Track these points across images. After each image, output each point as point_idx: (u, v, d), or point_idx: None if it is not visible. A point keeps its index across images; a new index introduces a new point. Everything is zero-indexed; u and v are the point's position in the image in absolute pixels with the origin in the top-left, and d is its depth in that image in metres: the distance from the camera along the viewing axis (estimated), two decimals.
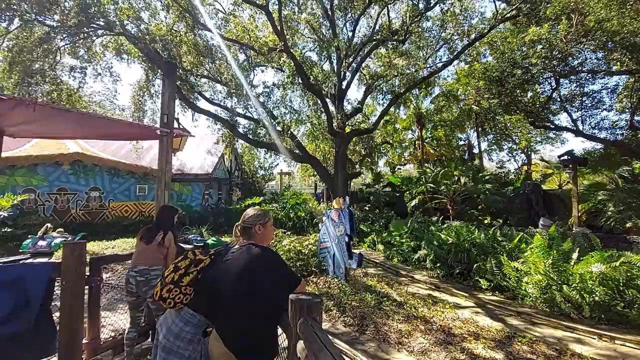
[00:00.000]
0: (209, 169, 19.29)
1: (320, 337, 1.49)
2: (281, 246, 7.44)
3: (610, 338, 4.48)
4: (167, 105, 5.55)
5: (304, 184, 34.51)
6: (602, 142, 12.51)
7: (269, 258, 2.04)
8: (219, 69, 15.23)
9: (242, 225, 2.22)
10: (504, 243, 7.40)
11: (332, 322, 4.99)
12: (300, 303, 1.74)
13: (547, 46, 10.59)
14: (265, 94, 16.28)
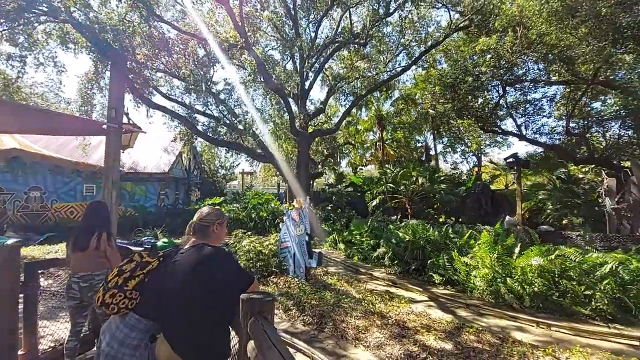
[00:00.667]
0: (165, 168, 18.38)
1: (270, 335, 1.46)
2: (241, 247, 7.27)
3: (547, 325, 4.89)
4: (115, 98, 5.19)
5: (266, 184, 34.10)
6: (542, 146, 13.68)
7: (220, 258, 1.96)
8: (176, 63, 14.57)
9: (199, 223, 2.10)
10: (455, 240, 7.83)
11: (292, 322, 4.96)
12: (252, 302, 1.69)
13: (495, 56, 11.38)
14: (226, 91, 15.85)
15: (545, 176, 15.74)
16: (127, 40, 12.04)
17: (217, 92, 15.76)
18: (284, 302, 5.55)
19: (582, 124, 11.91)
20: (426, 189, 15.50)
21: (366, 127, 25.35)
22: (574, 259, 5.61)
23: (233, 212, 15.07)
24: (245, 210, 15.44)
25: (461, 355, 3.81)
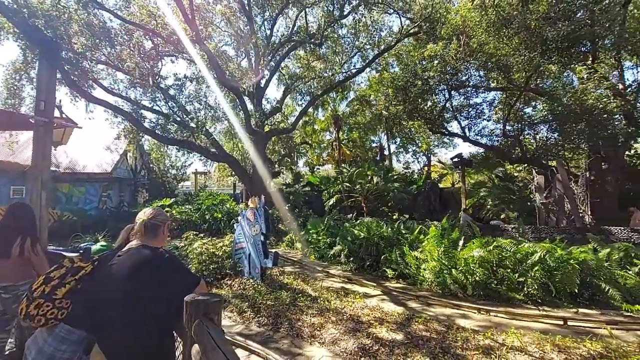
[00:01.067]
0: (108, 168, 17.02)
1: (215, 337, 1.40)
2: (192, 249, 6.95)
3: (486, 311, 5.30)
4: (44, 90, 4.68)
5: (221, 184, 33.01)
6: (483, 146, 14.84)
7: (162, 260, 1.85)
8: (119, 55, 13.54)
9: (151, 221, 1.96)
10: (407, 235, 8.20)
11: (246, 324, 4.85)
12: (196, 304, 1.62)
13: (441, 62, 12.11)
14: (176, 87, 15.06)
15: (485, 175, 17.12)
16: (62, 27, 10.96)
17: (166, 87, 14.93)
18: (238, 304, 5.41)
19: (517, 127, 13.11)
20: (381, 188, 16.05)
21: (323, 127, 25.62)
22: (509, 250, 6.15)
23: (185, 214, 14.38)
24: (199, 211, 14.80)
25: (411, 345, 3.99)
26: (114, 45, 13.41)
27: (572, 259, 5.61)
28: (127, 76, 14.03)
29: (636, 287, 5.49)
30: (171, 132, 15.07)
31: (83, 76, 12.76)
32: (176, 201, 18.00)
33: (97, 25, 12.14)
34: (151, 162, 23.73)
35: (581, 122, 10.03)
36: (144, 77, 12.91)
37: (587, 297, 5.50)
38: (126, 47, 13.25)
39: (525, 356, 3.68)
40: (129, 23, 12.47)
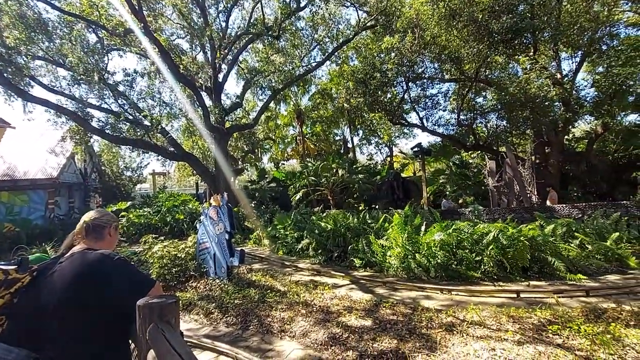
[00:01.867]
0: (54, 172, 15.70)
1: (170, 339, 1.33)
2: (152, 253, 6.60)
3: (448, 291, 5.58)
4: None
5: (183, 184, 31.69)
6: (440, 136, 15.49)
7: (110, 263, 1.71)
8: (60, 49, 12.45)
9: (94, 222, 1.81)
10: (372, 224, 8.39)
11: (214, 325, 4.71)
12: (150, 307, 1.51)
13: (398, 54, 12.41)
14: (126, 83, 14.15)
15: (444, 162, 17.94)
16: None
17: (114, 83, 13.99)
18: (204, 306, 5.24)
19: (470, 116, 13.81)
20: (346, 180, 16.25)
21: (286, 122, 25.40)
22: (466, 231, 6.51)
23: (144, 218, 13.64)
24: (159, 214, 14.10)
25: (379, 329, 4.10)
26: (53, 39, 12.30)
27: (522, 236, 6.05)
28: (69, 72, 12.94)
29: (577, 258, 6.06)
30: (123, 131, 14.17)
31: (18, 73, 11.58)
32: (133, 204, 17.03)
33: (31, 17, 11.06)
34: (103, 164, 22.17)
35: (526, 109, 10.79)
36: (88, 73, 11.96)
37: (537, 270, 5.98)
38: (67, 40, 12.20)
39: (484, 329, 3.92)
40: (68, 14, 11.47)
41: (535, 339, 3.58)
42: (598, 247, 6.36)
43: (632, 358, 3.09)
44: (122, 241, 11.48)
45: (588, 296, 4.93)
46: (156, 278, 6.31)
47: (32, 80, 12.53)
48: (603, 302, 4.59)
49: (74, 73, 12.19)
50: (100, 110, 13.78)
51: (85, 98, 13.81)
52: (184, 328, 4.67)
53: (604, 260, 6.17)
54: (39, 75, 13.34)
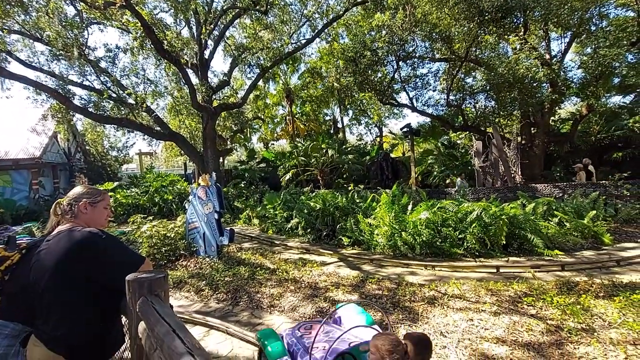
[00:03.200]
0: (36, 152, 15.29)
1: (160, 310, 1.38)
2: (141, 233, 6.61)
3: (432, 267, 5.79)
4: None
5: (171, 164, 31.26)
6: (429, 116, 15.52)
7: (96, 240, 1.73)
8: (37, 23, 11.83)
9: (68, 202, 1.83)
10: (361, 204, 8.52)
11: (205, 302, 4.82)
12: (139, 282, 1.56)
13: (389, 32, 12.19)
14: (108, 59, 13.63)
15: (432, 143, 18.07)
16: None
17: (96, 59, 13.45)
18: (195, 283, 5.33)
19: (459, 96, 13.82)
20: (335, 160, 16.31)
21: (275, 101, 25.00)
22: (451, 210, 6.69)
23: (131, 198, 13.51)
24: (147, 194, 13.98)
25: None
26: (29, 12, 11.66)
27: (504, 214, 6.25)
28: (48, 47, 12.38)
29: (556, 235, 6.32)
30: (107, 109, 13.78)
31: None
32: (120, 185, 16.80)
33: None
34: (87, 143, 21.62)
35: (514, 90, 10.85)
36: (67, 48, 11.45)
37: (516, 247, 6.23)
38: (43, 13, 11.57)
39: (464, 302, 4.12)
40: None
41: (511, 310, 3.80)
42: (576, 224, 6.63)
43: (599, 326, 3.31)
44: (110, 221, 11.42)
45: (563, 270, 5.19)
46: None
47: (8, 55, 11.96)
48: (576, 276, 4.85)
49: (53, 48, 11.66)
50: (82, 88, 13.31)
51: (66, 75, 13.30)
52: (175, 305, 4.76)
53: (581, 237, 6.46)
54: (15, 50, 12.73)
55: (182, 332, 1.16)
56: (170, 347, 1.09)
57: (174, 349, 1.07)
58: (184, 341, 1.09)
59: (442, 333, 3.37)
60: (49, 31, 11.33)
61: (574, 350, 2.91)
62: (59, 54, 12.07)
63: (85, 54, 12.40)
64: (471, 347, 3.07)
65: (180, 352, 1.02)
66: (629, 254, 5.65)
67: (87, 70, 13.66)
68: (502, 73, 10.61)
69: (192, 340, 1.10)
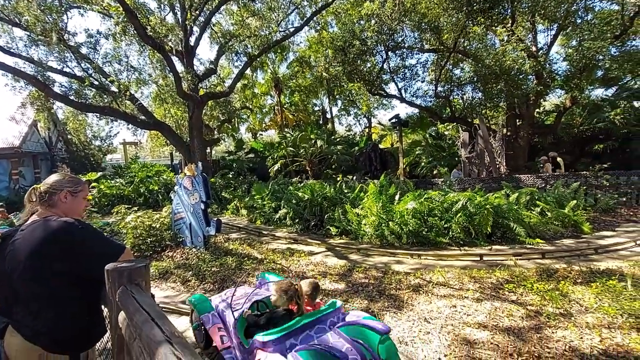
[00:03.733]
0: (15, 141, 14.77)
1: (139, 299, 1.36)
2: (125, 224, 6.49)
3: (418, 256, 5.88)
4: None
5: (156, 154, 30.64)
6: (418, 107, 15.59)
7: (73, 231, 1.68)
8: (15, 7, 11.30)
9: (45, 190, 1.76)
10: (349, 194, 8.55)
11: (191, 292, 4.78)
12: (119, 271, 1.53)
13: (378, 22, 12.09)
14: (89, 45, 13.13)
15: (420, 134, 18.19)
16: None
17: (76, 45, 12.95)
18: (181, 274, 5.29)
19: (447, 87, 13.89)
20: (324, 151, 16.27)
21: (263, 91, 24.65)
22: (437, 200, 6.78)
23: (116, 189, 13.23)
24: (132, 184, 13.70)
25: (351, 291, 4.31)
26: None
27: (488, 204, 6.37)
28: (26, 33, 11.85)
29: (538, 224, 6.49)
30: (89, 97, 13.36)
31: None
32: (104, 175, 16.40)
33: None
34: (69, 133, 20.95)
35: (500, 82, 10.97)
36: (46, 33, 11.00)
37: (500, 236, 6.38)
38: None
39: (448, 289, 4.21)
40: None
41: (493, 296, 3.90)
42: (557, 214, 6.82)
43: (576, 311, 3.44)
44: (94, 212, 11.18)
45: (544, 258, 5.34)
46: (131, 248, 6.26)
47: None
48: (556, 264, 5.00)
49: (31, 33, 11.17)
50: (62, 75, 12.83)
51: (45, 61, 12.78)
52: (161, 295, 4.73)
53: (561, 226, 6.65)
54: None
55: (161, 321, 1.14)
56: (148, 336, 1.08)
57: (152, 338, 1.05)
58: (163, 329, 1.07)
59: (426, 319, 3.44)
60: (27, 15, 10.84)
61: (552, 335, 3.02)
62: (38, 39, 11.59)
63: (64, 39, 11.93)
64: (454, 333, 3.15)
65: (159, 341, 1.01)
66: (606, 242, 5.86)
67: (67, 56, 13.16)
68: (489, 64, 10.70)
69: (171, 328, 1.09)
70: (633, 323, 3.08)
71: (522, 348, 2.81)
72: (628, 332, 2.96)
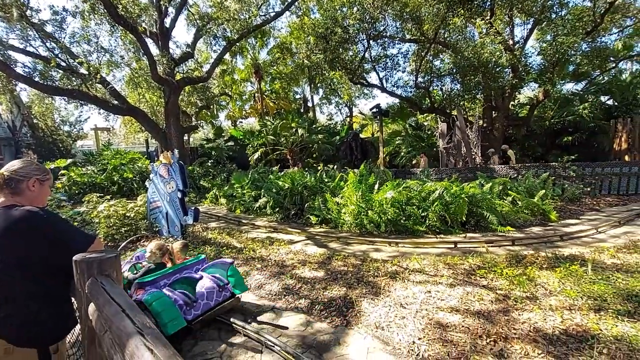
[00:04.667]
0: None
1: (109, 291, 1.32)
2: (97, 213, 6.26)
3: (396, 244, 6.02)
4: None
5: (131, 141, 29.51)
6: (399, 97, 15.72)
7: (39, 220, 1.60)
8: None
9: (10, 176, 1.65)
10: (329, 183, 8.58)
11: None
12: (88, 262, 1.48)
13: (360, 10, 12.00)
14: (54, 23, 12.32)
15: (400, 124, 18.41)
16: None
17: (40, 22, 12.12)
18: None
19: (427, 79, 14.06)
20: (305, 140, 16.18)
21: (243, 77, 24.07)
22: (415, 189, 6.92)
23: (87, 176, 12.68)
24: (105, 172, 13.17)
25: (330, 279, 4.38)
26: None
27: (464, 193, 6.57)
28: None
29: (509, 213, 6.77)
30: (56, 79, 12.59)
31: None
32: (75, 162, 15.68)
33: None
34: (35, 117, 19.77)
35: (478, 74, 11.19)
36: (6, 9, 10.19)
37: (474, 224, 6.61)
38: None
39: (423, 275, 4.35)
40: None
41: (465, 281, 4.06)
42: (527, 203, 7.13)
43: (541, 294, 3.64)
44: (63, 201, 10.70)
45: (514, 245, 5.60)
46: (104, 238, 6.07)
47: None
48: (525, 250, 5.26)
49: None
50: (25, 54, 12.01)
51: (6, 39, 11.91)
52: None
53: (531, 214, 6.97)
54: None
55: (133, 312, 1.12)
56: (119, 328, 1.05)
57: (123, 329, 1.03)
58: (134, 321, 1.05)
59: (402, 305, 3.55)
60: None
61: (518, 317, 3.19)
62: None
63: (27, 16, 11.11)
64: (428, 317, 3.27)
65: (129, 332, 0.99)
66: (571, 230, 6.20)
67: (31, 34, 12.30)
68: (468, 57, 10.87)
69: (143, 319, 1.07)
70: (591, 305, 3.30)
71: (490, 330, 2.96)
72: (587, 313, 3.17)
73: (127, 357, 0.92)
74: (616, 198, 8.93)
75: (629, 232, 6.04)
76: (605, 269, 4.23)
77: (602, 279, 3.88)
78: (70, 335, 2.06)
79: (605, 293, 3.51)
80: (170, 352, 0.86)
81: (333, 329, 3.18)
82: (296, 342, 3.00)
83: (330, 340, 3.01)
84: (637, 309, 3.19)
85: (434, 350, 2.75)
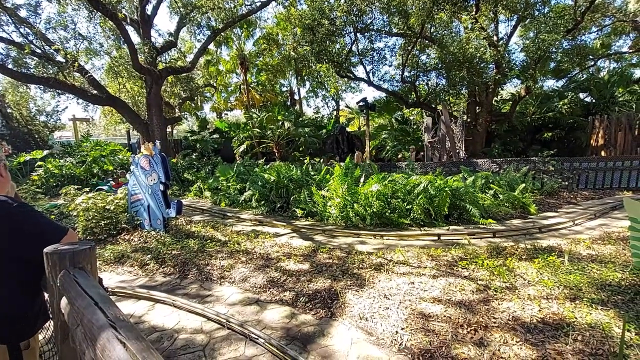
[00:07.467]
0: None
1: (82, 283, 1.26)
2: (75, 205, 6.05)
3: (381, 236, 6.07)
4: None
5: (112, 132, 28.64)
6: (385, 91, 15.74)
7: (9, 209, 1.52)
8: None
9: None
10: (315, 176, 8.56)
11: (150, 276, 4.62)
12: (60, 254, 1.41)
13: (348, 1, 11.90)
14: (28, 7, 11.74)
15: (386, 118, 18.50)
16: None
17: (13, 6, 11.53)
18: (139, 257, 5.07)
19: (413, 73, 14.11)
20: (292, 133, 16.06)
21: (229, 69, 23.60)
22: (401, 183, 6.98)
23: (65, 168, 12.25)
24: (84, 164, 12.75)
25: (315, 272, 4.38)
26: None
27: (447, 187, 6.67)
28: None
29: (491, 206, 6.92)
30: (30, 67, 12.04)
31: None
32: (52, 153, 15.11)
33: None
34: (9, 106, 18.89)
35: (463, 69, 11.32)
36: None
37: (457, 217, 6.73)
38: None
39: (407, 267, 4.41)
40: None
41: (448, 272, 4.14)
42: (508, 196, 7.31)
43: (520, 284, 3.74)
44: (39, 193, 10.32)
45: (494, 237, 5.74)
46: (82, 232, 5.89)
47: None
48: (505, 242, 5.39)
49: None
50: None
51: None
52: (117, 280, 4.52)
53: (511, 207, 7.15)
54: None
55: (106, 305, 1.07)
56: (90, 321, 1.01)
57: (94, 322, 0.99)
58: (107, 313, 1.01)
59: (385, 296, 3.59)
60: None
61: (498, 306, 3.27)
62: None
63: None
64: (411, 307, 3.31)
65: (101, 325, 0.94)
66: (549, 222, 6.39)
67: (3, 19, 11.68)
68: (454, 52, 10.97)
69: (115, 312, 1.02)
70: (567, 294, 3.42)
71: (471, 319, 3.03)
72: (563, 302, 3.28)
73: (98, 350, 0.88)
74: (592, 192, 9.26)
75: (604, 225, 6.27)
76: (581, 259, 4.39)
77: (578, 269, 4.02)
78: (46, 331, 1.99)
79: (580, 283, 3.64)
80: (144, 344, 0.82)
81: (318, 321, 3.19)
82: (280, 334, 2.99)
83: (314, 331, 3.01)
84: (610, 298, 3.32)
85: (416, 340, 2.79)
